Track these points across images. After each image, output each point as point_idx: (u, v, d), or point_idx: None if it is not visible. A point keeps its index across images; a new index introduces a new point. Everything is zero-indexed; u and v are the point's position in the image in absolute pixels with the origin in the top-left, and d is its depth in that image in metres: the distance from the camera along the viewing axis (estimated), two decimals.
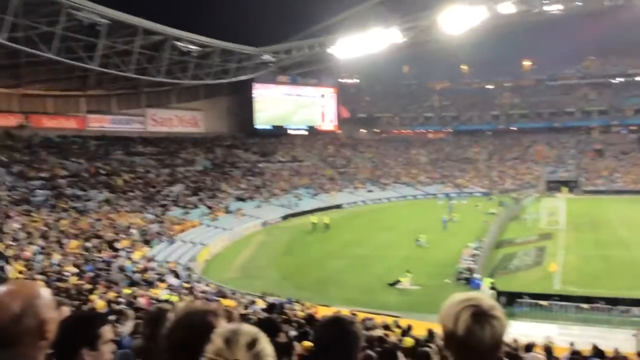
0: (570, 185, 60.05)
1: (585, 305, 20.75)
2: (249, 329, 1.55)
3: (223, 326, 1.61)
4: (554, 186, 60.41)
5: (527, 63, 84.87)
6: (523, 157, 70.05)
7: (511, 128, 77.53)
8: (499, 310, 1.84)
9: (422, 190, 62.55)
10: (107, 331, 2.21)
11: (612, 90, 76.33)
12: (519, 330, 16.66)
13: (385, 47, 56.50)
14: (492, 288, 23.10)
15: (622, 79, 78.03)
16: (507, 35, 67.35)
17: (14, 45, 34.08)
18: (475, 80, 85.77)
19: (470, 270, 26.38)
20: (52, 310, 1.74)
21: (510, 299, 21.53)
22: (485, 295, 1.94)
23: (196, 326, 1.78)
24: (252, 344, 1.49)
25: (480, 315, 1.80)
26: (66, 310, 5.30)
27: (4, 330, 1.63)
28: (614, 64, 79.29)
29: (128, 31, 40.20)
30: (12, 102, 45.57)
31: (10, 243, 23.42)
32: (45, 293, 1.76)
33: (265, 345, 1.53)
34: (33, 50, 35.42)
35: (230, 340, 1.48)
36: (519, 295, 21.75)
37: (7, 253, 21.41)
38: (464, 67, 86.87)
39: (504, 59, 78.90)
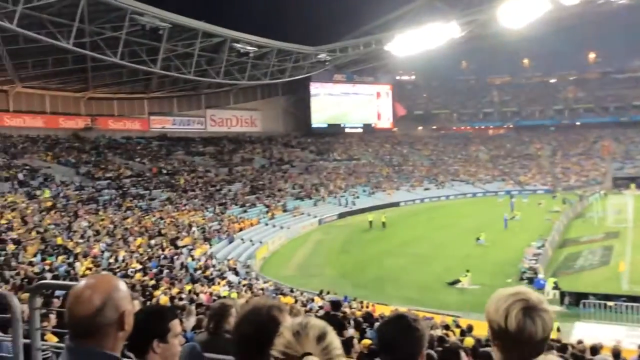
0: (639, 181, 57.27)
1: None
2: (318, 323, 1.57)
3: (291, 320, 1.63)
4: (621, 183, 57.76)
5: (591, 55, 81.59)
6: (588, 153, 67.35)
7: (575, 123, 74.60)
8: (547, 304, 1.83)
9: (481, 187, 61.24)
10: (176, 325, 2.30)
11: None
12: (585, 332, 16.05)
13: (443, 42, 55.50)
14: (556, 288, 22.38)
15: None
16: (570, 27, 64.84)
17: (81, 50, 35.64)
18: (537, 73, 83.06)
19: (533, 269, 25.62)
20: (129, 303, 1.81)
21: (575, 300, 20.77)
22: (531, 289, 1.91)
23: (262, 320, 1.82)
24: (322, 337, 1.51)
25: (530, 309, 1.78)
26: (137, 304, 5.49)
27: (87, 321, 1.70)
28: None
29: (188, 34, 41.29)
30: (80, 106, 47.74)
31: (79, 241, 24.49)
32: (123, 286, 1.84)
33: (334, 339, 1.54)
34: (99, 55, 36.93)
35: (299, 333, 1.50)
36: (585, 295, 20.93)
37: (75, 250, 22.40)
38: (525, 61, 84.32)
39: (567, 52, 76.27)
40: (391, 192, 55.91)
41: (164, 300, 15.19)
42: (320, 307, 17.24)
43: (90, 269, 19.68)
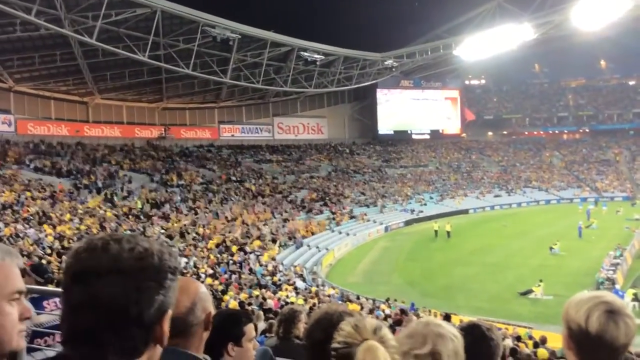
0: None
1: None
2: (372, 319, 1.68)
3: (349, 318, 1.75)
4: None
5: None
6: None
7: None
8: (629, 310, 1.78)
9: (556, 195, 58.97)
10: (251, 329, 2.39)
11: None
12: None
13: (515, 45, 53.86)
14: (636, 299, 21.21)
15: None
16: None
17: (155, 62, 37.17)
18: (615, 75, 79.18)
19: (610, 280, 24.39)
20: (212, 305, 1.93)
21: None
22: (613, 294, 1.86)
23: (335, 325, 1.86)
24: (378, 329, 1.59)
25: (614, 312, 1.73)
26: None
27: (180, 321, 1.79)
28: None
29: (257, 44, 42.21)
30: (154, 116, 49.81)
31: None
32: (204, 289, 1.96)
33: (389, 332, 1.63)
34: (172, 67, 38.38)
35: (358, 326, 1.60)
36: None
37: None
38: (602, 62, 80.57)
39: None
40: (460, 199, 54.77)
41: (233, 305, 15.53)
42: (387, 316, 17.09)
43: None
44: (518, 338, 13.70)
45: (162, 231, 28.83)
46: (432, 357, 1.83)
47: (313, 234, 38.00)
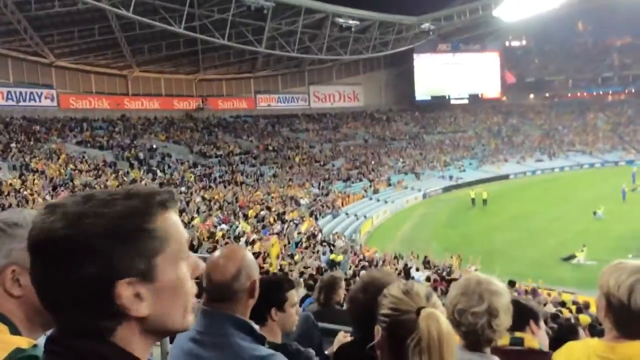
0: None
1: None
2: (421, 285, 1.64)
3: (396, 283, 1.70)
4: None
5: None
6: None
7: None
8: None
9: (600, 158, 57.28)
10: (293, 295, 2.47)
11: None
12: None
13: (557, 3, 51.80)
14: None
15: None
16: None
17: (191, 33, 37.35)
18: None
19: None
20: (257, 272, 1.98)
21: None
22: None
23: (380, 290, 1.91)
24: (429, 295, 1.56)
25: None
26: None
27: (225, 287, 1.88)
28: None
29: (291, 12, 41.84)
30: (192, 87, 50.26)
31: (194, 215, 25.97)
32: (251, 256, 2.01)
33: (437, 299, 1.61)
34: (208, 38, 38.51)
35: (409, 291, 1.55)
36: None
37: (193, 223, 23.79)
38: None
39: None
40: (500, 164, 53.82)
41: (273, 271, 15.79)
42: (427, 278, 17.12)
43: (208, 239, 20.90)
44: (562, 304, 13.55)
45: (203, 202, 29.36)
46: (489, 314, 1.91)
47: (351, 202, 38.08)
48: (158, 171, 34.25)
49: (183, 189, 31.07)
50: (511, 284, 12.00)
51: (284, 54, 45.95)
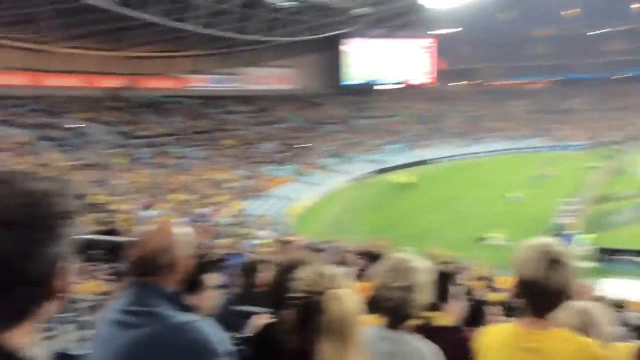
0: None
1: None
2: (333, 266, 1.74)
3: (308, 266, 1.79)
4: None
5: (636, 5, 77.21)
6: (632, 107, 64.85)
7: (619, 76, 71.67)
8: (570, 256, 1.91)
9: (519, 143, 59.96)
10: (212, 278, 2.52)
11: None
12: (617, 288, 15.94)
13: None
14: (590, 244, 22.17)
15: None
16: None
17: (119, 9, 35.91)
18: (580, 25, 79.51)
19: (567, 225, 25.36)
20: (185, 250, 2.01)
21: (610, 256, 20.55)
22: (557, 242, 1.99)
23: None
24: (340, 276, 1.65)
25: (552, 259, 1.86)
26: None
27: (145, 262, 1.94)
28: None
29: None
30: (117, 65, 48.27)
31: (114, 198, 25.29)
32: (182, 234, 2.03)
33: (347, 279, 1.69)
34: (137, 14, 37.13)
35: (320, 273, 1.64)
36: (620, 251, 20.67)
37: (111, 207, 23.16)
38: (569, 13, 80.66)
39: (611, 2, 72.49)
40: (427, 149, 55.36)
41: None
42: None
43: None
44: (482, 278, 14.22)
45: (126, 185, 28.60)
46: (411, 289, 2.04)
47: (280, 184, 38.17)
48: (78, 152, 32.98)
49: (106, 171, 30.11)
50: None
51: (217, 33, 45.03)
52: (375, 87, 67.58)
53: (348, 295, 1.57)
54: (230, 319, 3.28)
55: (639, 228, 25.55)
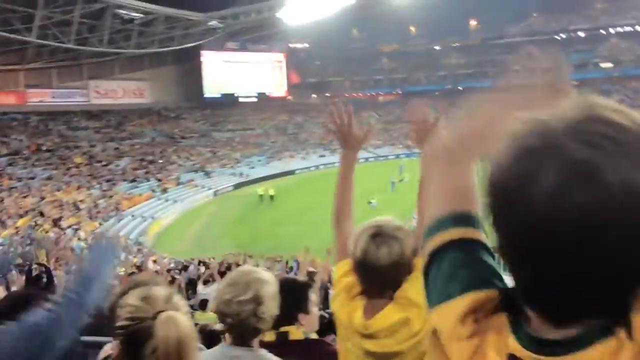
0: None
1: None
2: (162, 287, 1.62)
3: (133, 291, 1.64)
4: None
5: (472, 22, 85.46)
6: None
7: (458, 87, 78.52)
8: (402, 232, 1.91)
9: (373, 152, 63.09)
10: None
11: (556, 47, 77.65)
12: None
13: (335, 10, 55.86)
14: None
15: (564, 35, 79.78)
16: None
17: None
18: (423, 41, 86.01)
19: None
20: None
21: None
22: (392, 219, 2.01)
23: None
24: (169, 297, 1.54)
25: (378, 235, 1.87)
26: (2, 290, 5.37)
27: None
28: (557, 20, 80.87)
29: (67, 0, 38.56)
30: None
31: None
32: None
33: (179, 298, 1.59)
34: None
35: (146, 297, 1.52)
36: None
37: None
38: (412, 28, 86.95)
39: (450, 19, 79.21)
40: (287, 161, 56.25)
41: None
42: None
43: None
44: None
45: None
46: (255, 301, 1.93)
47: (137, 203, 36.56)
48: None
49: None
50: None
51: (59, 44, 42.13)
52: (234, 100, 67.37)
53: (181, 318, 1.47)
54: (77, 350, 3.05)
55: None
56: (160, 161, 47.01)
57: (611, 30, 77.34)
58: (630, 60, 72.89)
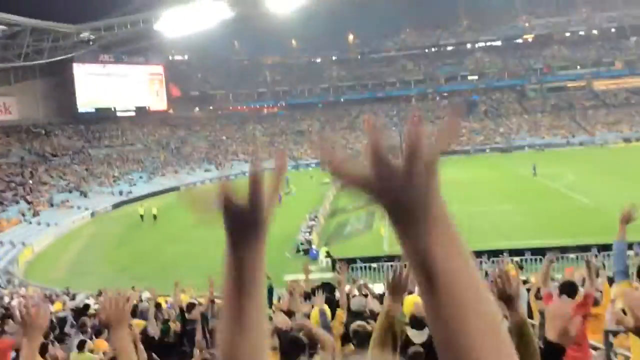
0: (395, 150, 64.35)
1: None
2: None
3: None
4: None
5: (351, 37, 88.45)
6: (352, 127, 73.55)
7: (340, 100, 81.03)
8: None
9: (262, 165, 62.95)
10: None
11: (427, 61, 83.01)
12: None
13: (215, 22, 55.21)
14: (328, 256, 24.18)
15: (435, 49, 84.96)
16: (334, 9, 69.77)
17: None
18: (304, 54, 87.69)
19: (308, 241, 27.30)
20: None
21: (345, 265, 22.72)
22: None
23: None
24: None
25: None
26: None
27: None
28: (428, 36, 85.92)
29: None
30: None
31: None
32: None
33: None
34: None
35: None
36: (353, 260, 22.94)
37: None
38: (294, 42, 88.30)
39: (330, 33, 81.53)
40: (171, 176, 54.62)
41: None
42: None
43: None
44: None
45: None
46: None
47: (5, 228, 33.72)
48: None
49: None
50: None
51: None
52: (111, 115, 64.34)
53: None
54: None
55: (364, 237, 28.81)
56: (31, 182, 43.72)
57: (476, 45, 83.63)
58: (494, 72, 79.21)
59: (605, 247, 20.75)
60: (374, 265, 22.62)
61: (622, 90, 71.75)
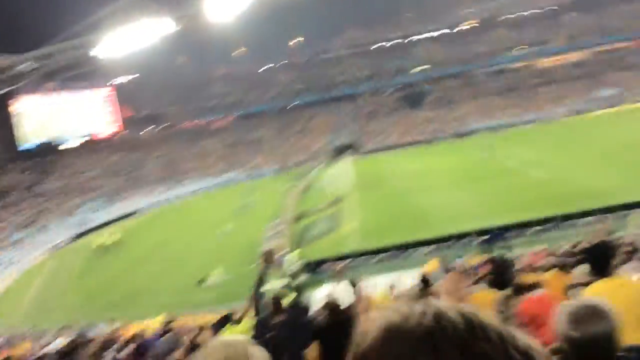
0: (353, 148, 64.61)
1: (381, 256, 22.52)
2: None
3: None
4: (338, 152, 64.34)
5: (299, 40, 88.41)
6: (307, 130, 73.35)
7: (292, 104, 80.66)
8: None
9: (218, 179, 62.17)
10: None
11: (375, 56, 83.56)
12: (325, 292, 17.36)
13: (159, 38, 53.98)
14: (297, 260, 23.87)
15: (381, 44, 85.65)
16: (275, 15, 69.43)
17: None
18: (252, 62, 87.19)
19: (276, 247, 26.90)
20: None
21: (315, 267, 22.44)
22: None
23: None
24: None
25: None
26: None
27: None
28: (373, 32, 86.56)
29: None
30: None
31: None
32: None
33: None
34: None
35: None
36: (323, 261, 22.71)
37: None
38: (241, 51, 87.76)
39: (277, 39, 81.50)
40: (129, 200, 53.32)
41: None
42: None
43: None
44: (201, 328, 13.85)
45: None
46: None
47: None
48: None
49: None
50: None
51: None
52: (60, 145, 62.40)
53: None
54: None
55: (332, 237, 28.57)
56: None
57: (421, 36, 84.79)
58: (441, 61, 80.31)
59: (566, 217, 21.33)
60: (344, 263, 22.45)
61: (565, 66, 73.85)
